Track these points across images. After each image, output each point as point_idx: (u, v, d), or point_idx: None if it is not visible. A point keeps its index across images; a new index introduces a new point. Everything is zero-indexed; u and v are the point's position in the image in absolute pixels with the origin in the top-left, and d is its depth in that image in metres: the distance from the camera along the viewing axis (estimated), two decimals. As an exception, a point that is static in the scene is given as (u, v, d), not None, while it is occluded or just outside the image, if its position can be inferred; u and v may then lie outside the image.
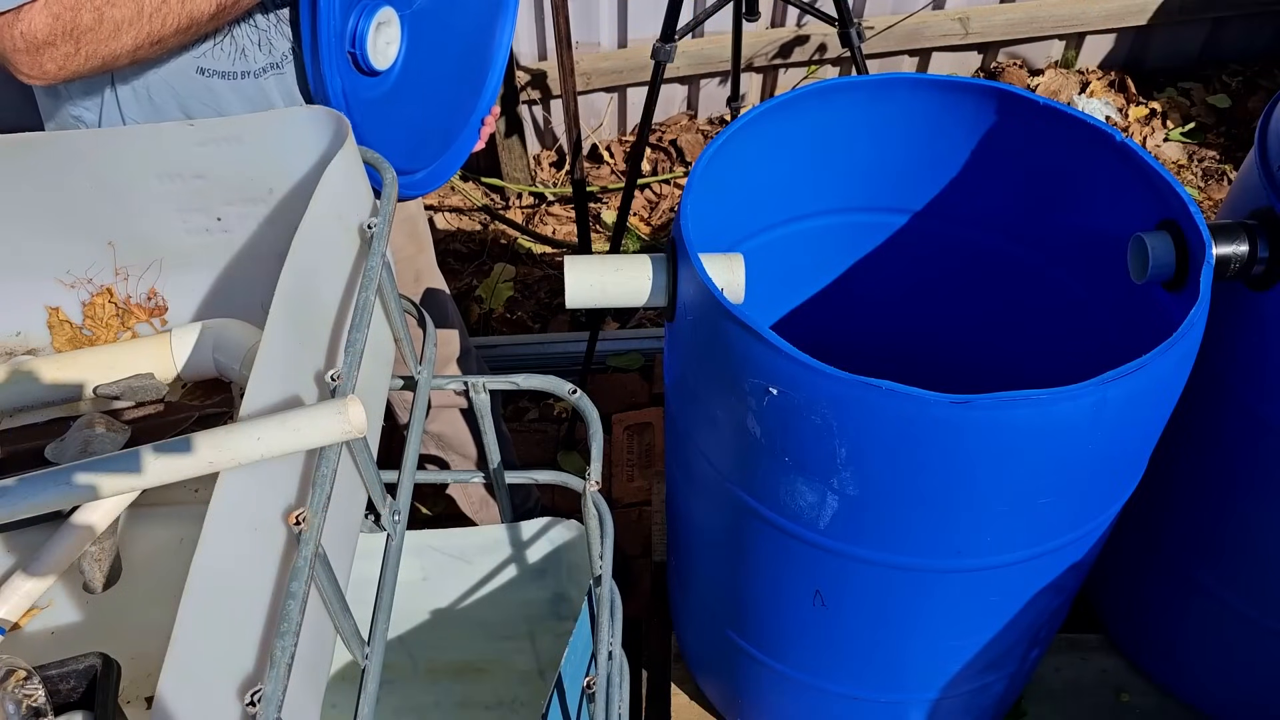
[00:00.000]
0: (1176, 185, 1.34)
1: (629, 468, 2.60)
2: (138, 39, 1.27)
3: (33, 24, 1.23)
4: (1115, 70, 3.63)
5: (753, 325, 1.19)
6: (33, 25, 1.23)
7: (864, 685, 1.67)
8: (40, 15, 1.23)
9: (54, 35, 1.24)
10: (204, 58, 1.42)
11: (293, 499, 0.94)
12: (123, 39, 1.27)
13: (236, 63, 1.44)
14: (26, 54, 1.25)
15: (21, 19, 1.23)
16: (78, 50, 1.26)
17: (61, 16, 1.24)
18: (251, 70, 1.45)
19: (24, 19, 1.23)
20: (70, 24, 1.24)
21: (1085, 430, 1.19)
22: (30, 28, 1.23)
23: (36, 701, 0.94)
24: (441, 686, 1.81)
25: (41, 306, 1.39)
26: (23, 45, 1.24)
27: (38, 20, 1.23)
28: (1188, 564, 1.80)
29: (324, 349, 1.06)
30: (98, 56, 1.27)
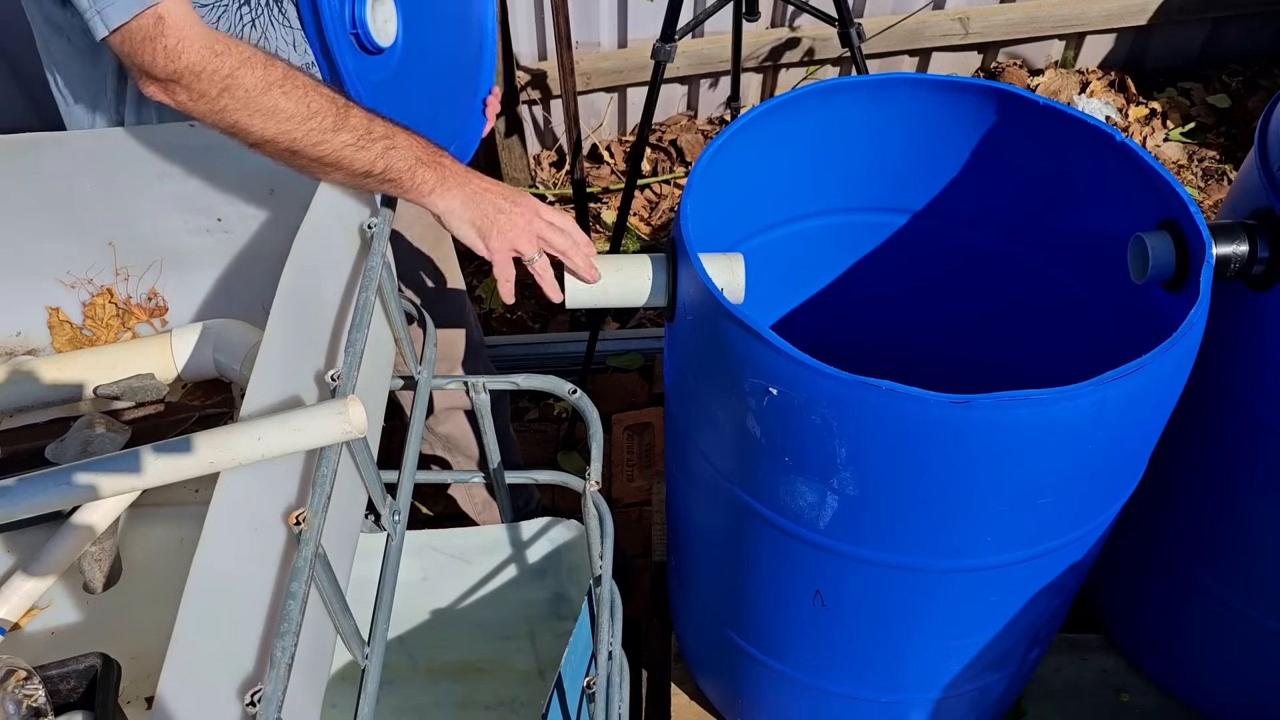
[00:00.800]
0: (1176, 185, 1.34)
1: (629, 468, 2.60)
2: (279, 137, 1.18)
3: (182, 46, 1.12)
4: (1115, 70, 3.63)
5: (753, 325, 1.19)
6: (181, 46, 1.12)
7: (864, 685, 1.67)
8: (196, 43, 1.12)
9: (203, 68, 1.13)
10: None
11: (293, 499, 0.94)
12: (268, 126, 1.17)
13: None
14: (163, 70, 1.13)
15: (168, 33, 1.11)
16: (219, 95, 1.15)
17: (221, 57, 1.14)
18: None
19: (170, 34, 1.11)
20: (228, 72, 1.14)
21: (1085, 430, 1.19)
22: (177, 47, 1.12)
23: (37, 701, 0.94)
24: (441, 686, 1.81)
25: (42, 307, 1.39)
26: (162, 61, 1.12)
27: (189, 45, 1.12)
28: (1187, 564, 1.80)
29: (324, 349, 1.07)
30: (230, 118, 1.16)
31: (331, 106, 1.19)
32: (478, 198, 1.29)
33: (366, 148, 1.21)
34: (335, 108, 1.20)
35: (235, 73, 1.14)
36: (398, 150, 1.23)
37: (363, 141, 1.20)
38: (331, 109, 1.19)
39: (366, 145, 1.21)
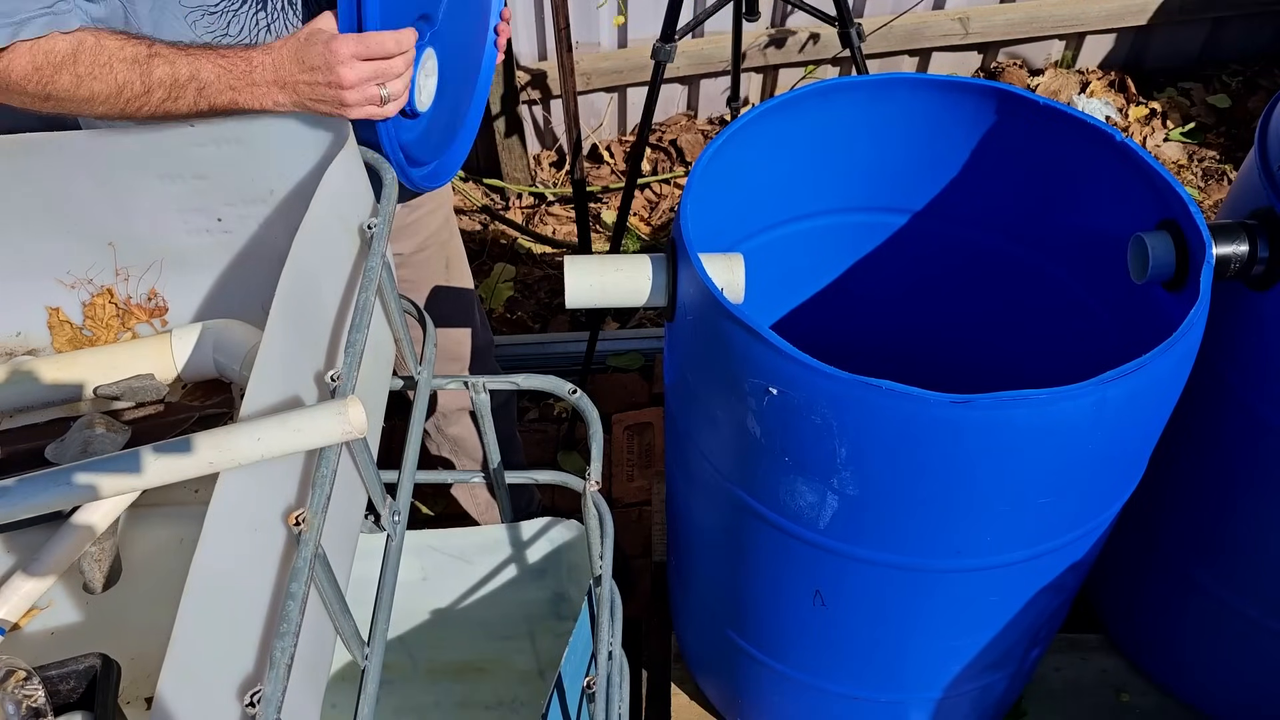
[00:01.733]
0: (1176, 185, 1.34)
1: (629, 468, 2.60)
2: (108, 112, 1.31)
3: (12, 64, 1.26)
4: (1115, 70, 3.63)
5: (753, 325, 1.19)
6: (12, 65, 1.26)
7: (864, 685, 1.67)
8: (22, 59, 1.26)
9: (27, 82, 1.27)
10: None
11: (292, 499, 0.94)
12: (95, 108, 1.31)
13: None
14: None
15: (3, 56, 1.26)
16: (46, 100, 1.30)
17: (42, 69, 1.27)
18: None
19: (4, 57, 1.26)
20: (47, 80, 1.27)
21: (1085, 430, 1.19)
22: (6, 67, 1.26)
23: (36, 702, 0.94)
24: (441, 686, 1.81)
25: (42, 307, 1.39)
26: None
27: (18, 63, 1.26)
28: (1187, 563, 1.80)
29: (324, 349, 1.07)
30: (66, 109, 1.32)
31: (134, 71, 1.28)
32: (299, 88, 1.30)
33: (180, 97, 1.29)
34: (138, 70, 1.28)
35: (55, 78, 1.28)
36: (210, 88, 1.29)
37: (174, 93, 1.29)
38: (135, 75, 1.28)
39: (179, 95, 1.29)
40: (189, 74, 1.28)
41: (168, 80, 1.28)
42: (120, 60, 1.27)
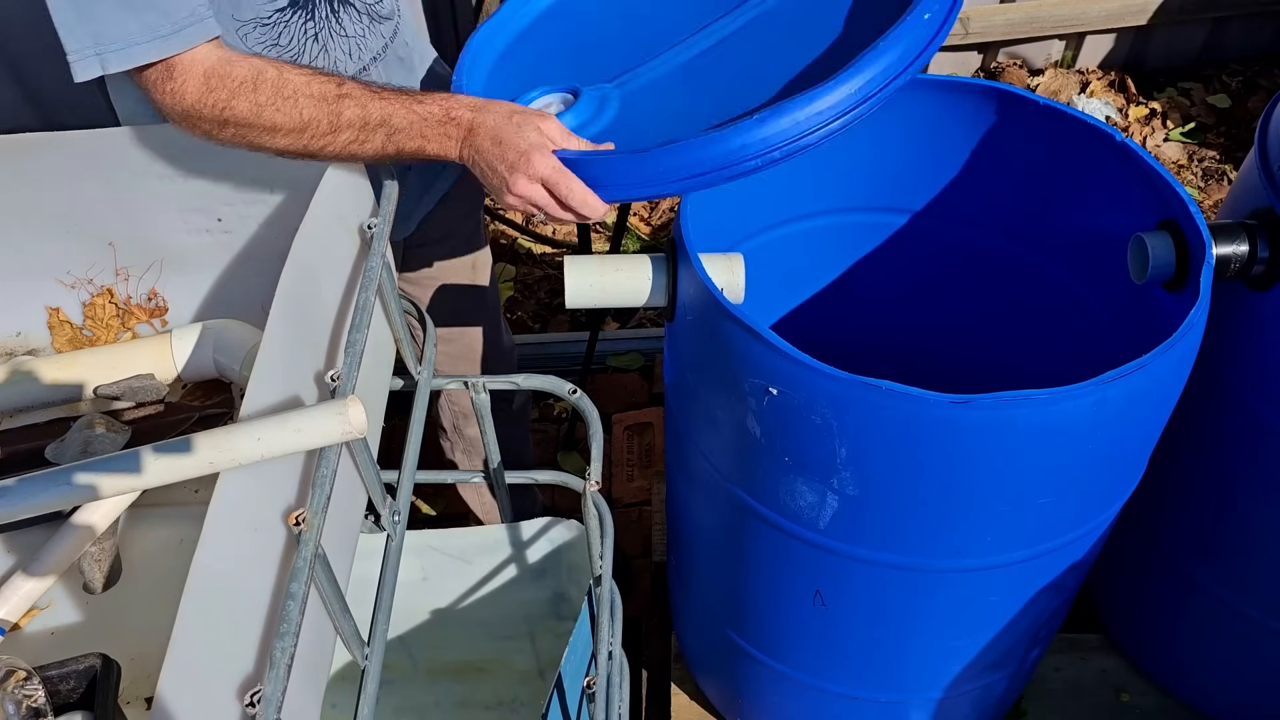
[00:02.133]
0: (1176, 185, 1.34)
1: (629, 468, 2.60)
2: (289, 146, 1.24)
3: (185, 87, 1.20)
4: (1115, 70, 3.63)
5: (753, 325, 1.19)
6: (184, 88, 1.20)
7: (864, 685, 1.67)
8: (194, 83, 1.20)
9: (200, 110, 1.21)
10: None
11: (292, 500, 0.94)
12: (276, 140, 1.24)
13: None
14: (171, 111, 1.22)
15: (175, 77, 1.20)
16: (224, 127, 1.22)
17: (216, 92, 1.20)
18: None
19: (177, 78, 1.20)
20: (224, 105, 1.21)
21: (1085, 430, 1.19)
22: (181, 88, 1.20)
23: (36, 702, 0.94)
24: (441, 686, 1.81)
25: (42, 307, 1.39)
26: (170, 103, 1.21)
27: (190, 86, 1.20)
28: (1187, 563, 1.80)
29: (324, 349, 1.07)
30: (243, 141, 1.24)
31: (322, 109, 1.22)
32: (478, 159, 1.27)
33: (368, 140, 1.23)
34: (326, 108, 1.22)
35: (231, 104, 1.20)
36: (400, 134, 1.24)
37: (362, 135, 1.23)
38: (323, 112, 1.22)
39: (367, 138, 1.23)
40: (380, 117, 1.24)
41: (357, 122, 1.23)
42: (307, 96, 1.22)
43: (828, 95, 1.17)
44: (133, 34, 1.16)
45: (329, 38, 1.41)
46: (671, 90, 1.40)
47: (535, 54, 1.55)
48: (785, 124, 1.18)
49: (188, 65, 1.19)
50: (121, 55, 1.17)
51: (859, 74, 1.18)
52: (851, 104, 1.19)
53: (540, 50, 1.55)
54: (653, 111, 1.37)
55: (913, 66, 1.21)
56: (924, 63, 1.22)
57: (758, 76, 1.35)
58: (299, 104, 1.21)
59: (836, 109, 1.18)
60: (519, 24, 1.57)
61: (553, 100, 1.40)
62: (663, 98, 1.39)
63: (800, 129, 1.18)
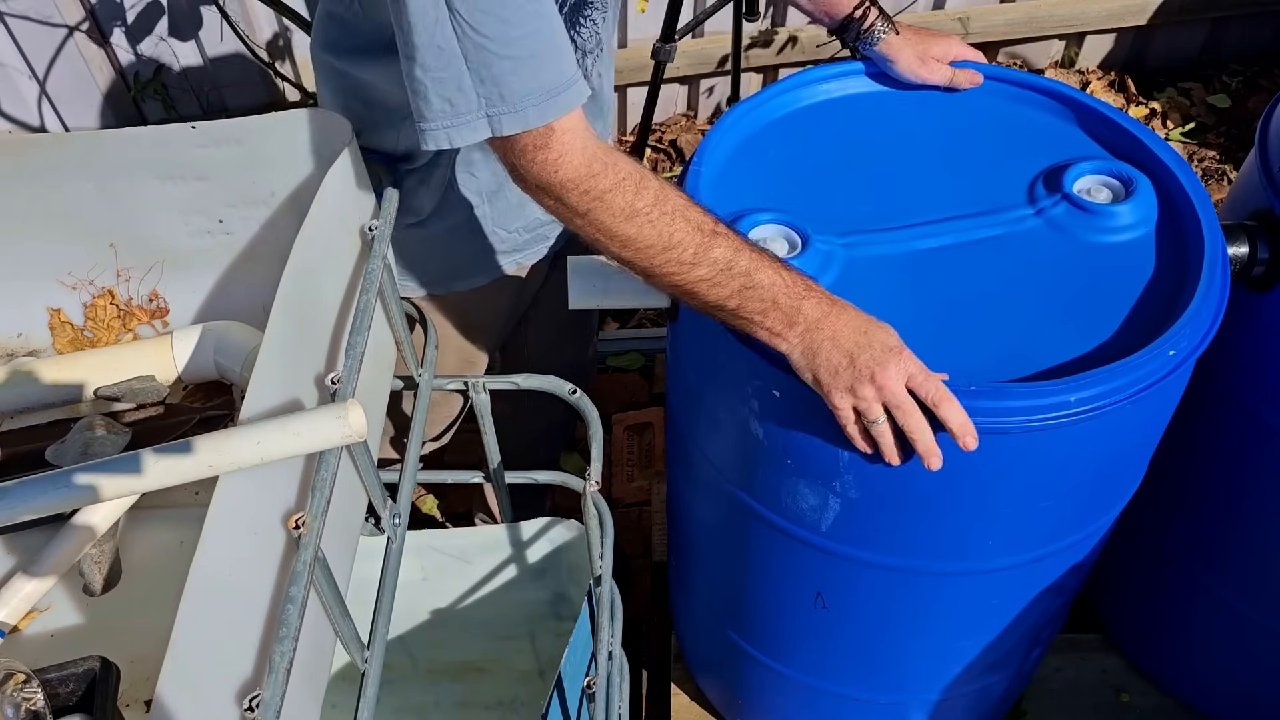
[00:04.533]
0: (1177, 186, 1.34)
1: (629, 468, 2.60)
2: (633, 260, 1.16)
3: (564, 160, 1.11)
4: (1115, 70, 3.63)
5: (753, 327, 1.19)
6: (563, 160, 1.11)
7: (865, 686, 1.67)
8: (574, 158, 1.11)
9: (575, 187, 1.12)
10: None
11: (292, 503, 0.94)
12: (624, 249, 1.15)
13: None
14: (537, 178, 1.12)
15: (553, 146, 1.10)
16: (584, 217, 1.14)
17: (597, 178, 1.12)
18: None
19: (554, 148, 1.10)
20: (599, 193, 1.12)
21: (1086, 433, 1.19)
22: (559, 160, 1.11)
23: (35, 705, 0.94)
24: (441, 686, 1.81)
25: (43, 308, 1.39)
26: (538, 171, 1.12)
27: (570, 160, 1.11)
28: (1188, 564, 1.80)
29: (325, 352, 1.06)
30: (589, 234, 1.16)
31: (695, 238, 1.14)
32: (818, 351, 1.14)
33: (721, 285, 1.15)
34: (699, 239, 1.14)
35: (605, 195, 1.12)
36: (754, 291, 1.14)
37: (719, 278, 1.14)
38: (694, 241, 1.13)
39: (722, 283, 1.14)
40: (745, 268, 1.14)
41: (722, 263, 1.14)
42: (684, 219, 1.14)
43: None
44: (531, 94, 1.07)
45: (606, 37, 1.39)
46: (893, 275, 1.30)
47: (773, 160, 1.46)
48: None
49: (568, 136, 1.10)
50: (515, 118, 1.08)
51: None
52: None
53: (779, 158, 1.47)
54: (868, 291, 1.26)
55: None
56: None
57: (986, 301, 1.27)
58: (674, 223, 1.13)
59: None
60: (769, 115, 1.51)
61: (775, 235, 1.32)
62: (882, 279, 1.30)
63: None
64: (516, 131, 1.09)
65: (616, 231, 1.13)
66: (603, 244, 1.16)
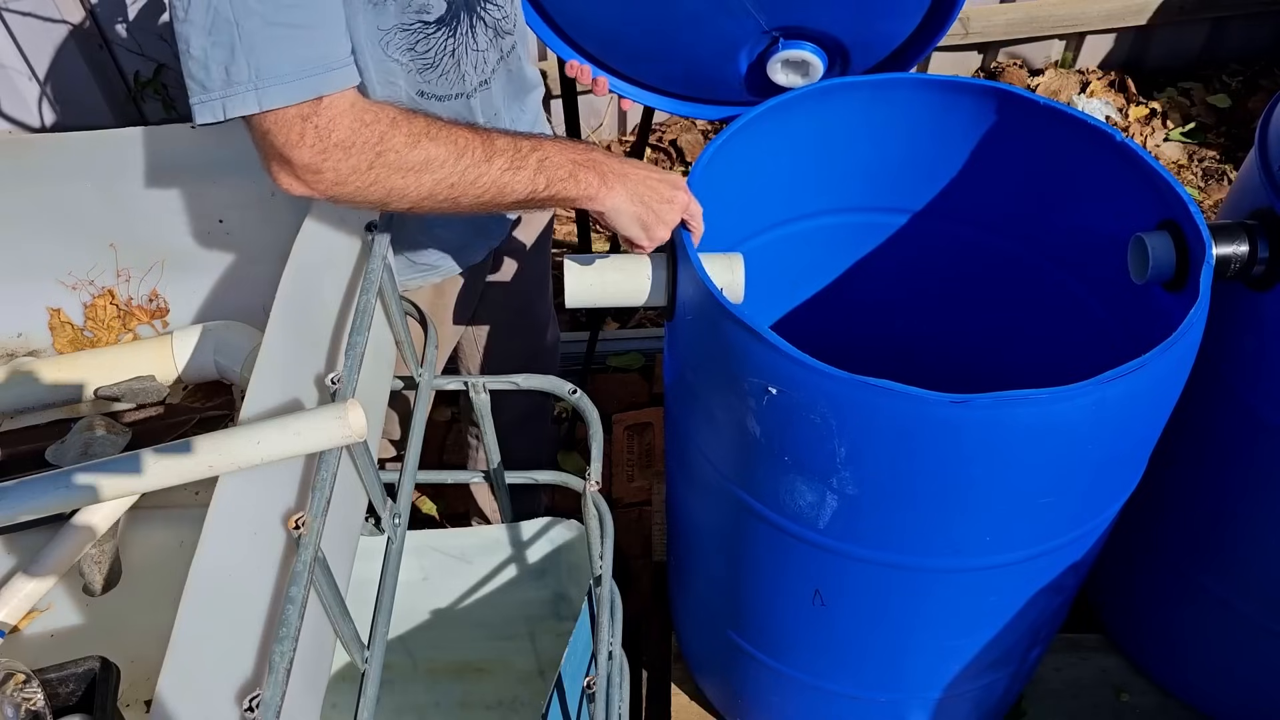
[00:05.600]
0: (1176, 185, 1.34)
1: (629, 468, 2.60)
2: (438, 184, 1.15)
3: (335, 122, 1.08)
4: (1115, 70, 3.63)
5: (752, 325, 1.19)
6: (334, 123, 1.08)
7: (864, 685, 1.67)
8: (345, 115, 1.09)
9: (354, 140, 1.09)
10: (428, 84, 1.38)
11: (292, 503, 0.94)
12: (422, 180, 1.14)
13: (454, 86, 1.41)
14: (311, 151, 1.08)
15: (321, 111, 1.08)
16: (370, 167, 1.11)
17: (371, 126, 1.10)
18: (465, 91, 1.43)
19: (324, 112, 1.08)
20: (379, 136, 1.11)
21: (1084, 431, 1.19)
22: (330, 124, 1.08)
23: (35, 705, 0.94)
24: (441, 686, 1.81)
25: (43, 308, 1.39)
26: (311, 141, 1.08)
27: (341, 120, 1.09)
28: (1187, 564, 1.80)
29: (324, 352, 1.07)
30: (384, 185, 1.13)
31: (476, 138, 1.17)
32: (639, 190, 1.27)
33: (522, 166, 1.18)
34: (479, 138, 1.17)
35: (385, 136, 1.11)
36: (551, 160, 1.20)
37: (516, 162, 1.18)
38: (477, 140, 1.17)
39: (520, 164, 1.18)
40: (532, 145, 1.20)
41: (509, 149, 1.18)
42: (456, 129, 1.16)
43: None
44: (302, 65, 1.06)
45: (463, 52, 1.40)
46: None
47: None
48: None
49: (337, 101, 1.09)
50: (281, 91, 1.05)
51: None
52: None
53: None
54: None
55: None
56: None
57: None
58: (452, 133, 1.15)
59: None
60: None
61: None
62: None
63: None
64: (281, 105, 1.06)
65: (412, 161, 1.12)
66: (399, 190, 1.13)
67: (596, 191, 1.25)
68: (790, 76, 1.71)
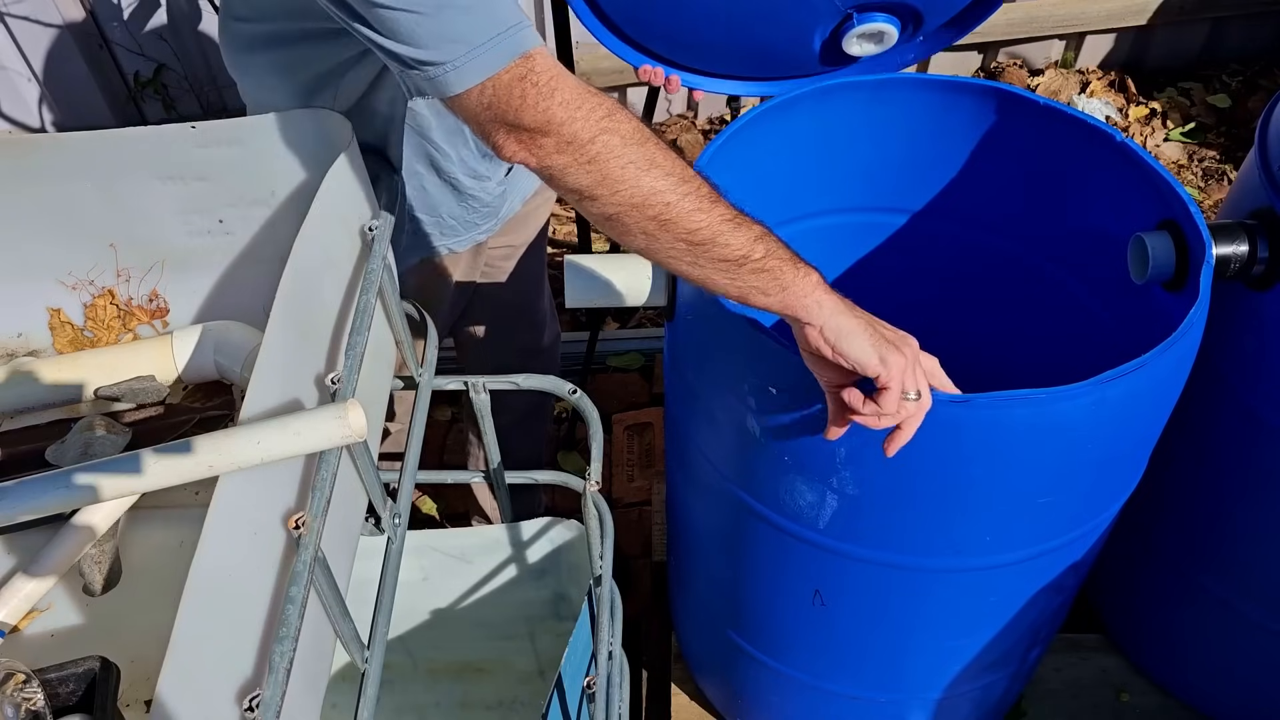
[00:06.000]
0: (1176, 185, 1.34)
1: (629, 468, 2.60)
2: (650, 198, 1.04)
3: (556, 80, 1.02)
4: (1115, 70, 3.63)
5: (752, 325, 1.19)
6: (555, 80, 1.02)
7: (864, 685, 1.67)
8: (567, 79, 1.02)
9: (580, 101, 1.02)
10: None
11: (292, 503, 0.94)
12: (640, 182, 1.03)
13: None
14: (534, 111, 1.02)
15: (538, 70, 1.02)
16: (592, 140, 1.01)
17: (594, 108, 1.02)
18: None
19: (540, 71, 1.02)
20: (604, 115, 1.02)
21: (1084, 430, 1.19)
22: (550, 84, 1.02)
23: (35, 705, 0.94)
24: (441, 686, 1.81)
25: (43, 308, 1.39)
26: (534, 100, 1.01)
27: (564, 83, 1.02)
28: (1187, 564, 1.80)
29: (325, 352, 1.06)
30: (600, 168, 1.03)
31: (702, 177, 1.06)
32: (864, 319, 1.11)
33: (741, 228, 1.06)
34: (703, 178, 1.06)
35: (612, 115, 1.03)
36: (771, 239, 1.08)
37: (738, 220, 1.06)
38: (700, 178, 1.05)
39: (742, 226, 1.06)
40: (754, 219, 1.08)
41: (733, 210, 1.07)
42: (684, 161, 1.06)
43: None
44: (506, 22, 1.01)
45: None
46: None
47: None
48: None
49: (546, 58, 1.02)
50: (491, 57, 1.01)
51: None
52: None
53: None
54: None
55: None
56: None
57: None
58: (679, 159, 1.05)
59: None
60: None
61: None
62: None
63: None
64: (499, 69, 1.01)
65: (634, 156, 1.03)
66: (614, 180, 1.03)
67: (813, 290, 1.09)
68: (865, 46, 1.69)
